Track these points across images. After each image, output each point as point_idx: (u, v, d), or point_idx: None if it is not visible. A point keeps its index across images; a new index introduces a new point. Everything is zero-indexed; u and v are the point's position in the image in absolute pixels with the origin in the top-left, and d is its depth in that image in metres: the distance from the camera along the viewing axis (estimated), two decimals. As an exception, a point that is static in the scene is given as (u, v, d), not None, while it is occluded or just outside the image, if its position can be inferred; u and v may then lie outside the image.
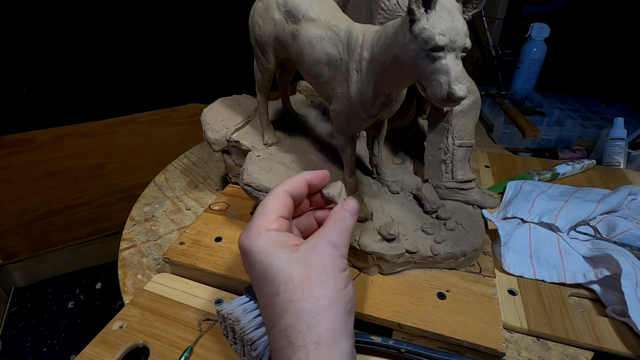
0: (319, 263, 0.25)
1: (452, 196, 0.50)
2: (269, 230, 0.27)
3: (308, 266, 0.25)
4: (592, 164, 0.70)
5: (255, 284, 0.27)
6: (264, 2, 0.46)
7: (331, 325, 0.23)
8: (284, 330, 0.24)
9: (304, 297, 0.24)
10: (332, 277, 0.25)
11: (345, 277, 0.26)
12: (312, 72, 0.42)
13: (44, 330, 1.17)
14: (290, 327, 0.23)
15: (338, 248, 0.26)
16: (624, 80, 1.15)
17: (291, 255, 0.25)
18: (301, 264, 0.25)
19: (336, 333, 0.23)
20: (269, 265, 0.25)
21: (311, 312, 0.23)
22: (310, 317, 0.23)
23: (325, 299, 0.24)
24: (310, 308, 0.23)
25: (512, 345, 0.40)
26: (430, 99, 0.30)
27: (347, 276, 0.26)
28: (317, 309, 0.23)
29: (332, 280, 0.25)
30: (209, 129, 0.59)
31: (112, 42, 1.04)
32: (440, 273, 0.44)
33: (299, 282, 0.24)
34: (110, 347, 0.37)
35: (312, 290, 0.24)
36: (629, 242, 0.48)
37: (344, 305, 0.25)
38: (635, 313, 0.39)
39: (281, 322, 0.24)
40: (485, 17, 1.22)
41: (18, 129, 1.04)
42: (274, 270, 0.25)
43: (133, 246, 0.55)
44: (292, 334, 0.23)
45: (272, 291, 0.25)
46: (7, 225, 1.16)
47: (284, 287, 0.24)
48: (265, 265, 0.25)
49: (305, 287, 0.24)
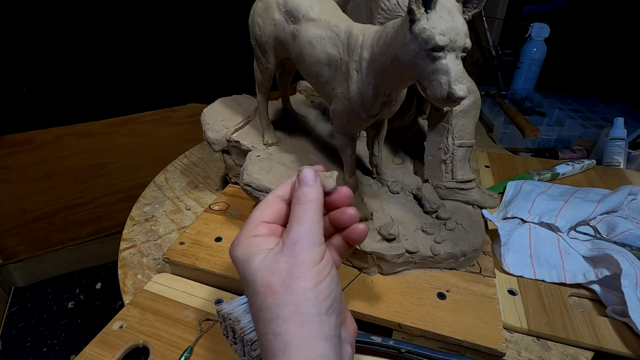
0: (282, 267, 0.24)
1: (452, 196, 0.50)
2: (250, 237, 0.26)
3: (272, 272, 0.24)
4: (592, 164, 0.70)
5: (244, 288, 0.26)
6: (264, 2, 0.46)
7: (299, 331, 0.22)
8: (260, 338, 0.23)
9: (268, 305, 0.23)
10: (300, 278, 0.23)
11: (317, 272, 0.24)
12: (312, 72, 0.42)
13: (44, 330, 1.17)
14: (262, 336, 0.23)
15: (301, 242, 0.24)
16: (624, 80, 1.15)
17: (261, 262, 0.24)
18: (266, 270, 0.24)
19: (307, 338, 0.22)
20: (244, 274, 0.25)
21: (277, 320, 0.22)
22: (276, 325, 0.22)
23: (291, 305, 0.22)
24: (275, 316, 0.22)
25: (512, 345, 0.40)
26: (430, 99, 0.30)
27: (319, 271, 0.24)
28: (282, 316, 0.22)
29: (299, 282, 0.23)
30: (209, 129, 0.59)
31: (112, 42, 1.04)
32: (441, 273, 0.44)
33: (262, 291, 0.23)
34: (110, 347, 0.37)
35: (276, 298, 0.23)
36: (629, 242, 0.48)
37: (315, 307, 0.23)
38: (635, 313, 0.39)
39: (258, 331, 0.24)
40: (485, 17, 1.22)
41: (18, 129, 1.04)
42: (247, 279, 0.25)
43: (133, 246, 0.55)
44: (264, 343, 0.23)
45: (250, 300, 0.25)
46: (7, 225, 1.16)
47: (255, 297, 0.24)
48: (243, 275, 0.25)
49: (269, 296, 0.23)
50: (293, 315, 0.22)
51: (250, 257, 0.25)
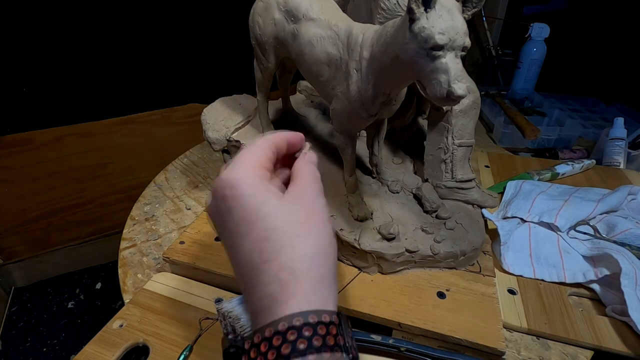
0: (311, 210, 0.24)
1: (452, 195, 0.50)
2: (261, 168, 0.25)
3: (301, 213, 0.24)
4: (591, 164, 0.70)
5: (234, 230, 0.24)
6: (264, 2, 0.46)
7: (323, 270, 0.23)
8: (275, 275, 0.22)
9: (297, 244, 0.23)
10: (324, 224, 0.25)
11: (331, 226, 0.25)
12: (312, 71, 0.42)
13: (44, 330, 1.17)
14: (283, 271, 0.22)
15: (321, 196, 0.26)
16: (624, 80, 1.15)
17: (282, 201, 0.24)
18: (295, 210, 0.24)
19: (327, 278, 0.23)
20: (261, 203, 0.23)
21: (304, 259, 0.23)
22: (303, 264, 0.22)
23: (318, 246, 0.23)
24: (304, 254, 0.23)
25: (511, 344, 0.40)
26: (429, 98, 0.30)
27: (331, 226, 0.26)
28: (310, 255, 0.23)
29: (323, 228, 0.24)
30: (209, 129, 0.59)
31: (112, 42, 1.05)
32: (440, 272, 0.44)
33: (292, 229, 0.23)
34: (110, 345, 0.37)
35: (307, 239, 0.23)
36: (628, 241, 0.48)
37: (334, 252, 0.25)
38: (634, 312, 0.39)
39: (271, 269, 0.22)
40: (485, 17, 1.22)
41: (18, 129, 1.04)
42: (265, 210, 0.23)
43: (133, 245, 0.55)
44: (284, 280, 0.22)
45: (260, 236, 0.23)
46: (7, 225, 1.16)
47: (274, 233, 0.23)
48: (257, 203, 0.23)
49: (301, 232, 0.23)
50: (320, 255, 0.24)
51: (268, 190, 0.24)
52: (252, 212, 0.23)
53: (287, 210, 0.24)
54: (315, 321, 0.21)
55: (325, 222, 0.25)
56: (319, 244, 0.24)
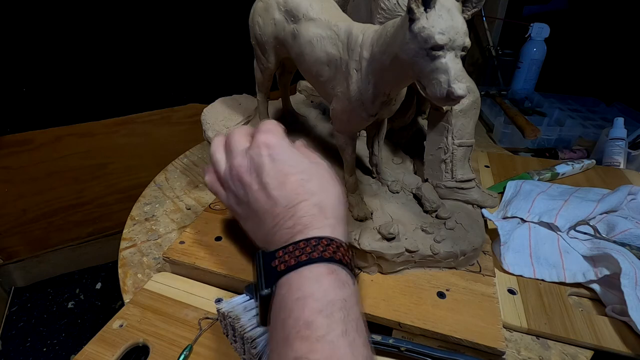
0: (329, 170, 0.34)
1: (451, 195, 0.50)
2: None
3: (324, 171, 0.34)
4: (591, 163, 0.70)
5: (274, 176, 0.31)
6: (264, 2, 0.46)
7: (341, 213, 0.32)
8: (309, 210, 0.29)
9: (326, 190, 0.32)
10: (336, 180, 0.34)
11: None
12: (312, 71, 0.42)
13: (44, 330, 1.17)
14: (315, 208, 0.30)
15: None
16: (624, 80, 1.15)
17: (309, 160, 0.34)
18: (320, 168, 0.34)
19: (344, 220, 0.32)
20: (299, 159, 0.32)
21: (331, 202, 0.31)
22: (330, 206, 0.31)
23: (338, 195, 0.32)
24: (331, 198, 0.31)
25: (511, 344, 0.40)
26: (429, 98, 0.30)
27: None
28: (333, 200, 0.31)
29: (338, 182, 0.33)
30: (210, 129, 0.59)
31: (112, 42, 1.05)
32: (440, 272, 0.44)
33: (321, 180, 0.32)
34: (110, 345, 0.37)
35: (331, 188, 0.32)
36: (628, 241, 0.48)
37: (345, 201, 0.34)
38: (634, 312, 0.39)
39: (307, 205, 0.30)
40: (485, 17, 1.22)
41: (18, 129, 1.04)
42: (303, 165, 0.32)
43: (133, 245, 0.55)
44: (316, 215, 0.29)
45: (300, 179, 0.31)
46: (7, 225, 1.16)
47: (309, 181, 0.31)
48: (297, 158, 0.32)
49: (327, 183, 0.32)
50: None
51: (298, 154, 0.33)
52: (295, 163, 0.32)
53: (316, 167, 0.33)
54: (337, 244, 0.28)
55: (337, 179, 0.33)
56: (338, 193, 0.32)
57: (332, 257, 0.27)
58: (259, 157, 0.32)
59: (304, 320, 0.24)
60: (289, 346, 0.23)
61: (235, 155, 0.34)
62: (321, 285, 0.25)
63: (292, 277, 0.26)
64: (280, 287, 0.27)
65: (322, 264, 0.26)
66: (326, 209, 0.30)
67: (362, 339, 0.24)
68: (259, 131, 0.34)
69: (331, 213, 0.30)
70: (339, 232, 0.29)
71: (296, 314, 0.24)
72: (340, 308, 0.25)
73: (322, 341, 0.23)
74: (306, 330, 0.23)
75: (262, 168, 0.31)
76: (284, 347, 0.24)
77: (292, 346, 0.23)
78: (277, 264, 0.27)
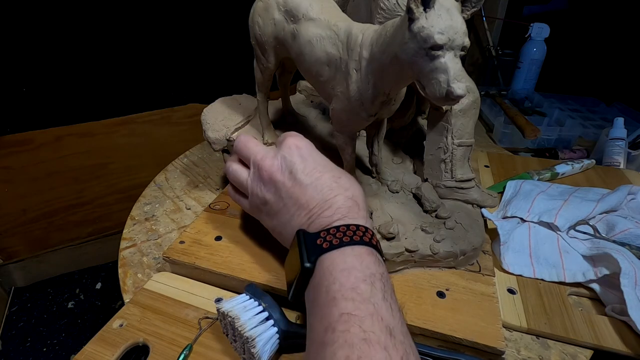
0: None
1: (451, 195, 0.50)
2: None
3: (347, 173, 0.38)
4: (591, 163, 0.70)
5: (309, 172, 0.35)
6: (264, 2, 0.46)
7: (366, 206, 0.36)
8: (345, 202, 0.34)
9: (355, 187, 0.36)
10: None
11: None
12: (312, 71, 0.42)
13: (44, 330, 1.17)
14: (350, 200, 0.34)
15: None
16: (624, 80, 1.15)
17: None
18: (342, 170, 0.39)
19: (368, 213, 0.37)
20: (327, 160, 0.38)
21: (361, 197, 0.36)
22: (361, 200, 0.35)
23: (362, 192, 0.37)
24: (360, 194, 0.36)
25: (511, 343, 0.40)
26: (429, 98, 0.30)
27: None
28: (361, 195, 0.36)
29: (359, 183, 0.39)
30: (209, 129, 0.59)
31: (112, 42, 1.05)
32: (440, 272, 0.44)
33: (349, 179, 0.37)
34: (110, 345, 0.37)
35: (357, 186, 0.37)
36: (628, 241, 0.48)
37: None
38: (634, 312, 0.39)
39: (341, 198, 0.34)
40: (485, 17, 1.22)
41: (18, 129, 1.04)
42: (331, 164, 0.38)
43: (133, 245, 0.55)
44: (352, 207, 0.34)
45: (334, 175, 0.36)
46: (7, 225, 1.16)
47: (340, 179, 0.36)
48: (327, 159, 0.38)
49: (353, 182, 0.37)
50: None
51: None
52: (325, 162, 0.37)
53: (340, 169, 0.37)
54: (372, 232, 0.32)
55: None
56: (362, 191, 0.36)
57: (370, 241, 0.31)
58: (292, 157, 0.36)
59: (350, 286, 0.27)
60: (334, 306, 0.27)
61: (262, 158, 0.37)
62: (363, 260, 0.29)
63: (335, 254, 0.30)
64: (322, 261, 0.30)
65: (362, 246, 0.30)
66: (359, 201, 0.34)
67: (396, 305, 0.28)
68: (288, 135, 0.38)
69: (363, 206, 0.34)
70: (370, 224, 0.33)
71: (342, 281, 0.28)
72: (379, 279, 0.28)
73: (366, 302, 0.26)
74: (352, 293, 0.27)
75: (295, 166, 0.35)
76: (329, 307, 0.27)
77: (338, 305, 0.26)
78: (321, 242, 0.30)
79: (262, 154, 0.38)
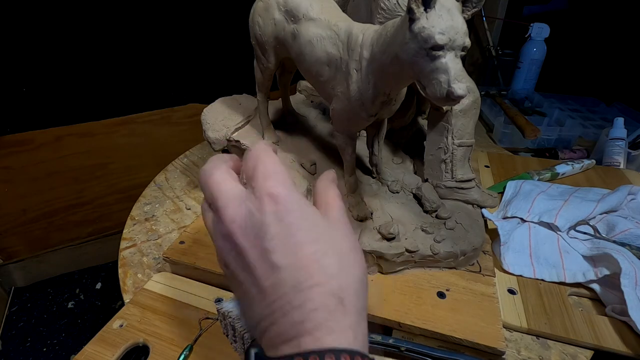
0: (352, 239, 0.24)
1: (451, 195, 0.50)
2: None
3: (344, 241, 0.24)
4: (591, 163, 0.70)
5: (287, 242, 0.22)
6: (264, 2, 0.46)
7: (363, 303, 0.23)
8: (323, 302, 0.21)
9: (346, 272, 0.23)
10: (361, 253, 0.25)
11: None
12: (312, 71, 0.42)
13: (44, 330, 1.17)
14: (331, 298, 0.21)
15: (349, 222, 0.26)
16: (624, 80, 1.15)
17: (329, 224, 0.24)
18: (338, 236, 0.24)
19: (364, 311, 0.23)
20: (314, 223, 0.23)
21: (351, 290, 0.22)
22: (350, 295, 0.22)
23: (361, 278, 0.24)
24: (351, 284, 0.22)
25: (511, 344, 0.40)
26: (429, 98, 0.30)
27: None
28: (356, 286, 0.23)
29: (362, 258, 0.24)
30: (209, 129, 0.59)
31: (112, 42, 1.05)
32: (440, 272, 0.44)
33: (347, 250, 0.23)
34: (110, 345, 0.37)
35: (353, 269, 0.23)
36: (628, 241, 0.48)
37: (367, 283, 0.25)
38: (634, 312, 0.39)
39: (321, 294, 0.21)
40: (485, 17, 1.22)
41: (18, 129, 1.04)
42: (334, 219, 0.24)
43: (133, 245, 0.55)
44: (331, 309, 0.21)
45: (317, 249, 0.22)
46: (7, 225, 1.16)
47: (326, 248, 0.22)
48: (311, 222, 0.23)
49: (348, 261, 0.23)
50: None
51: (313, 213, 0.24)
52: (309, 226, 0.22)
53: (334, 232, 0.23)
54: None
55: (362, 252, 0.24)
56: (361, 274, 0.23)
57: None
58: (262, 214, 0.22)
59: None
60: None
61: (224, 205, 0.23)
62: None
63: None
64: None
65: None
66: (347, 299, 0.21)
67: None
68: (259, 175, 0.23)
69: (353, 305, 0.22)
70: (361, 333, 0.22)
71: None
72: None
73: None
74: None
75: (266, 229, 0.22)
76: None
77: None
78: None
79: (225, 198, 0.23)
